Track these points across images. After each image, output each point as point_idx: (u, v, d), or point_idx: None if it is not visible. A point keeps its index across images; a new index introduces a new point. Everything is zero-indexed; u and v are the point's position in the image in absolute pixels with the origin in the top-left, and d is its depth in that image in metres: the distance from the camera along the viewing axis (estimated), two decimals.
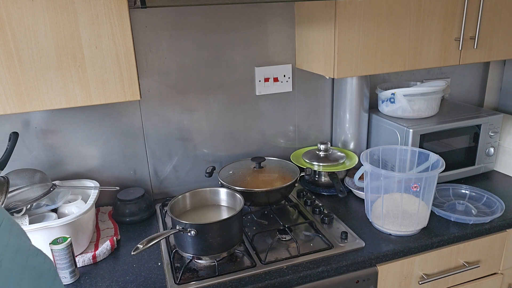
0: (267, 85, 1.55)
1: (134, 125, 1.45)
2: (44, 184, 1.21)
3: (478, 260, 1.31)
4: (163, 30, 1.38)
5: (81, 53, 1.00)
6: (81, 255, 1.16)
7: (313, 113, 1.68)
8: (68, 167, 1.42)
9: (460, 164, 1.55)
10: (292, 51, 1.56)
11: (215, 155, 1.58)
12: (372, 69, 1.32)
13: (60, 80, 1.01)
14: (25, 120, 1.34)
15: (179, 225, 1.07)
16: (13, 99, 0.99)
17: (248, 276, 1.06)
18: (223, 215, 1.21)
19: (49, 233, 1.07)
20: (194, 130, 1.53)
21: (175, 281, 1.05)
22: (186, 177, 1.57)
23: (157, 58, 1.40)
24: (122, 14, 1.00)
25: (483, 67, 1.90)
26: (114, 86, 1.05)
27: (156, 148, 1.50)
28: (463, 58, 1.42)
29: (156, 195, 1.56)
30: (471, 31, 1.39)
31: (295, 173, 1.42)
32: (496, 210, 1.32)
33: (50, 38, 0.97)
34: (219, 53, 1.47)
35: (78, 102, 1.04)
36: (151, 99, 1.44)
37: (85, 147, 1.42)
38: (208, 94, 1.50)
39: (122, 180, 1.49)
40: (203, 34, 1.43)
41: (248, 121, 1.58)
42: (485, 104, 1.95)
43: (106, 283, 1.07)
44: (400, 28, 1.30)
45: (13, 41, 0.95)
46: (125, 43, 1.03)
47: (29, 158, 1.37)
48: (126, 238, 1.29)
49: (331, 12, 1.24)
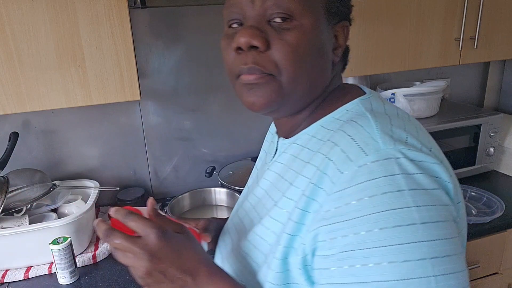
0: None
1: (134, 125, 1.45)
2: (44, 184, 1.21)
3: (478, 260, 1.31)
4: (163, 30, 1.38)
5: (81, 53, 1.00)
6: (81, 255, 1.16)
7: None
8: (68, 167, 1.42)
9: (460, 164, 1.55)
10: None
11: (215, 155, 1.58)
12: (372, 69, 1.31)
13: (60, 80, 1.01)
14: (25, 120, 1.34)
15: None
16: (13, 99, 0.99)
17: None
18: (223, 215, 1.21)
19: (49, 233, 1.07)
20: (194, 130, 1.53)
21: None
22: (186, 177, 1.57)
23: (157, 58, 1.40)
24: (122, 14, 1.00)
25: (483, 67, 1.90)
26: (114, 86, 1.05)
27: (156, 148, 1.50)
28: (463, 58, 1.42)
29: (156, 195, 1.56)
30: (471, 31, 1.39)
31: None
32: (496, 210, 1.32)
33: (50, 38, 0.97)
34: (219, 53, 1.46)
35: (78, 102, 1.04)
36: (151, 99, 1.44)
37: (85, 147, 1.42)
38: (208, 94, 1.50)
39: (122, 180, 1.49)
40: (203, 34, 1.43)
41: (248, 121, 1.58)
42: (485, 104, 1.95)
43: (106, 283, 1.07)
44: (400, 28, 1.30)
45: (13, 41, 0.95)
46: (125, 43, 1.03)
47: (29, 158, 1.37)
48: None
49: None
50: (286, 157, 0.60)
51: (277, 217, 0.55)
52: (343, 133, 0.50)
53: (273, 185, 0.60)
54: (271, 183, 0.61)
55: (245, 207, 0.68)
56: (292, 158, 0.58)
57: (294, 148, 0.59)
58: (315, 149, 0.54)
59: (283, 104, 0.55)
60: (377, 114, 0.52)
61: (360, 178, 0.44)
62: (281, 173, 0.60)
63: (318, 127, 0.57)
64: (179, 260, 0.51)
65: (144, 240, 0.50)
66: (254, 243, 0.59)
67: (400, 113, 0.55)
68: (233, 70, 0.55)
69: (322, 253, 0.47)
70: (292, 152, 0.59)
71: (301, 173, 0.54)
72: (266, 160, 0.72)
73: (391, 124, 0.50)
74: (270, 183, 0.62)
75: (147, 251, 0.49)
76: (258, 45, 0.50)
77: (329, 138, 0.52)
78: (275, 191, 0.59)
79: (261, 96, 0.53)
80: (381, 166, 0.44)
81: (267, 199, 0.60)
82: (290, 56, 0.51)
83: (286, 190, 0.55)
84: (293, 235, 0.50)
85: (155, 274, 0.50)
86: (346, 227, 0.44)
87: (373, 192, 0.43)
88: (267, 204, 0.60)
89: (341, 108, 0.56)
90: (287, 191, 0.55)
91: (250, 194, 0.68)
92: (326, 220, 0.46)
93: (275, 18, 0.51)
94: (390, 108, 0.56)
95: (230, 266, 0.64)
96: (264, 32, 0.51)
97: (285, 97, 0.54)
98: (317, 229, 0.47)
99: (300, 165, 0.55)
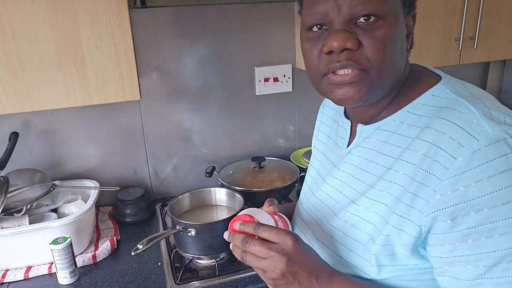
0: (267, 85, 1.55)
1: (134, 125, 1.45)
2: (44, 184, 1.21)
3: None
4: (163, 30, 1.38)
5: (81, 53, 1.00)
6: (81, 255, 1.16)
7: (313, 113, 1.67)
8: (68, 167, 1.42)
9: None
10: (292, 51, 1.55)
11: (215, 155, 1.58)
12: None
13: (60, 80, 1.01)
14: (25, 120, 1.34)
15: (179, 225, 1.07)
16: (13, 99, 0.99)
17: (248, 276, 1.06)
18: (223, 215, 1.21)
19: (49, 233, 1.07)
20: (194, 130, 1.53)
21: (175, 281, 1.05)
22: (186, 177, 1.57)
23: (157, 58, 1.40)
24: (122, 14, 1.00)
25: (483, 67, 1.90)
26: (114, 86, 1.05)
27: (156, 148, 1.50)
28: (463, 58, 1.42)
29: (156, 195, 1.56)
30: (471, 31, 1.39)
31: (295, 173, 1.42)
32: None
33: (50, 38, 0.97)
34: (219, 53, 1.47)
35: (78, 102, 1.04)
36: (151, 99, 1.44)
37: (85, 147, 1.42)
38: (208, 94, 1.50)
39: (122, 180, 1.49)
40: (203, 34, 1.43)
41: (248, 121, 1.58)
42: None
43: (106, 283, 1.07)
44: None
45: (13, 41, 0.95)
46: (125, 43, 1.03)
47: (29, 158, 1.37)
48: (126, 238, 1.29)
49: None
50: (372, 143, 0.65)
51: (378, 199, 0.61)
52: (445, 121, 0.54)
53: (360, 169, 0.66)
54: (357, 167, 0.67)
55: (324, 190, 0.74)
56: (380, 143, 0.63)
57: (380, 134, 0.64)
58: (410, 135, 0.58)
59: (371, 96, 0.59)
60: (469, 99, 0.56)
61: (476, 162, 0.49)
62: (368, 157, 0.65)
63: (405, 113, 0.62)
64: (308, 262, 0.60)
65: (281, 245, 0.59)
66: (351, 222, 0.64)
67: (482, 93, 0.59)
68: (319, 70, 0.60)
69: (442, 231, 0.53)
70: (379, 137, 0.64)
71: (401, 158, 0.58)
72: (337, 144, 0.75)
73: (486, 106, 0.54)
74: (355, 167, 0.67)
75: (285, 255, 0.58)
76: (351, 47, 0.55)
77: (427, 125, 0.56)
78: (365, 175, 0.64)
79: (354, 93, 0.58)
80: (494, 148, 0.49)
81: (355, 182, 0.66)
82: (380, 51, 0.56)
83: (384, 173, 0.60)
84: (403, 217, 0.56)
85: (287, 276, 0.58)
86: (468, 207, 0.50)
87: (490, 173, 0.49)
88: (356, 187, 0.65)
89: (425, 94, 0.61)
90: (385, 174, 0.60)
91: (328, 176, 0.74)
92: (444, 203, 0.52)
93: (361, 19, 0.56)
94: (472, 88, 0.60)
95: (319, 247, 0.70)
96: (354, 33, 0.55)
97: (375, 89, 0.59)
98: (434, 213, 0.53)
99: (395, 150, 0.60)
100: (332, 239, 0.68)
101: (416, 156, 0.56)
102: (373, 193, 0.62)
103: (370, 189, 0.62)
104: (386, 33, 0.56)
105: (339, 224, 0.67)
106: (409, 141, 0.58)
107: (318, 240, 0.72)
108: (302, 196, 0.85)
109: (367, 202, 0.62)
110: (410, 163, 0.57)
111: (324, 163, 0.79)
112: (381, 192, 0.60)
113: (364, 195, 0.63)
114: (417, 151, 0.56)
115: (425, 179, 0.54)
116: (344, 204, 0.67)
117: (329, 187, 0.73)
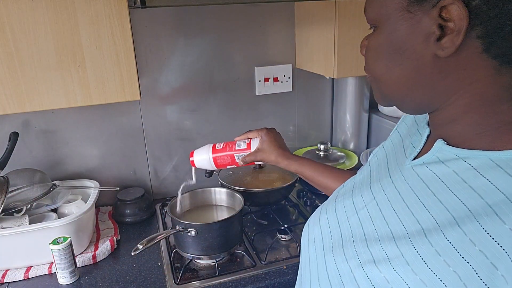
0: (267, 85, 1.55)
1: (134, 125, 1.45)
2: (44, 184, 1.20)
3: None
4: (163, 30, 1.38)
5: (81, 53, 1.00)
6: (81, 255, 1.16)
7: (313, 113, 1.68)
8: (68, 167, 1.42)
9: None
10: (292, 51, 1.55)
11: None
12: None
13: (60, 80, 1.01)
14: (25, 120, 1.34)
15: (179, 225, 1.07)
16: (13, 99, 0.99)
17: (248, 276, 1.06)
18: (223, 215, 1.21)
19: (49, 233, 1.07)
20: (194, 130, 1.53)
21: (175, 281, 1.05)
22: (186, 177, 1.56)
23: (157, 58, 1.40)
24: (122, 14, 1.00)
25: None
26: (114, 86, 1.05)
27: (156, 148, 1.50)
28: None
29: (156, 195, 1.56)
30: None
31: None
32: None
33: (50, 38, 0.97)
34: (219, 53, 1.47)
35: (78, 102, 1.04)
36: (151, 99, 1.44)
37: (85, 147, 1.42)
38: (208, 94, 1.50)
39: (122, 180, 1.49)
40: (203, 34, 1.43)
41: (248, 121, 1.58)
42: None
43: (106, 283, 1.07)
44: None
45: (13, 41, 0.95)
46: (125, 43, 1.02)
47: (29, 158, 1.37)
48: (126, 238, 1.29)
49: (331, 12, 1.24)
50: (447, 172, 0.46)
51: (425, 257, 0.42)
52: None
53: (416, 196, 0.48)
54: (412, 191, 0.49)
55: (365, 199, 0.58)
56: (457, 180, 0.44)
57: (462, 166, 0.45)
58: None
59: (387, 100, 0.56)
60: None
61: None
62: (432, 187, 0.47)
63: (496, 163, 0.42)
64: None
65: None
66: (386, 275, 0.46)
67: None
68: None
69: None
70: (459, 170, 0.45)
71: (481, 223, 0.39)
72: (405, 151, 0.59)
73: None
74: (410, 190, 0.50)
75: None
76: (362, 54, 0.59)
77: None
78: (420, 208, 0.47)
79: (375, 92, 0.59)
80: None
81: (404, 210, 0.49)
82: (369, 59, 0.56)
83: (448, 226, 0.42)
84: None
85: None
86: None
87: None
88: (404, 218, 0.48)
89: None
90: (449, 228, 0.42)
91: (376, 183, 0.59)
92: None
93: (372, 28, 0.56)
94: None
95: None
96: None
97: (386, 95, 0.55)
98: None
99: (476, 202, 0.41)
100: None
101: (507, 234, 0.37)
102: (421, 245, 0.43)
103: (420, 235, 0.44)
104: (375, 42, 0.54)
105: (369, 269, 0.48)
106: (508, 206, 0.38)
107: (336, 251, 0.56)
108: (342, 189, 0.68)
109: (410, 253, 0.44)
110: (493, 239, 0.38)
111: (381, 165, 0.63)
112: (433, 250, 0.42)
113: (410, 239, 0.45)
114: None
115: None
116: (382, 235, 0.49)
117: (371, 197, 0.57)
